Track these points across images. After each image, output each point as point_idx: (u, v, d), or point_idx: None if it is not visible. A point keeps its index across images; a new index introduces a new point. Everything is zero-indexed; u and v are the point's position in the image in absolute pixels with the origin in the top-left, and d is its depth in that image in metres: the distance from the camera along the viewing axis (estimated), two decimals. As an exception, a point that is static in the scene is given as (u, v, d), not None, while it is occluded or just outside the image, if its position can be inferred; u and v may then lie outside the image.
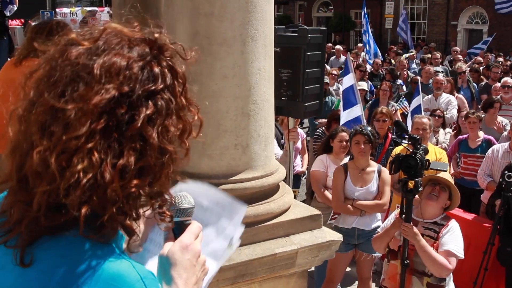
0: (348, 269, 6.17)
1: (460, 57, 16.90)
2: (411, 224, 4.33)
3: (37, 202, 1.18)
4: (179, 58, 1.36)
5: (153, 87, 1.25)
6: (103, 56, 1.23)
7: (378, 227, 5.65)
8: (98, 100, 1.17)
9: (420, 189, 4.36)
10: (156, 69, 1.27)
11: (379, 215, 5.76)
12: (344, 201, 5.55)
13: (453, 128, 9.37)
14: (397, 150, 6.41)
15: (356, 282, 6.04)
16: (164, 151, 1.26)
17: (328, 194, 5.95)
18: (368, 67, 15.79)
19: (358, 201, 5.51)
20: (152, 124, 1.23)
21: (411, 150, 4.44)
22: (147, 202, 1.32)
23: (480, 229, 6.15)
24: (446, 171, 4.59)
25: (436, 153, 6.38)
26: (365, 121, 7.62)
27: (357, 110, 7.69)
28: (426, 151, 4.48)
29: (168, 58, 1.31)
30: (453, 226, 4.46)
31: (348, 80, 7.96)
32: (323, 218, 3.77)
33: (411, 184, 4.34)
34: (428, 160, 4.39)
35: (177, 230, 1.48)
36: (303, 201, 5.62)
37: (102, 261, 1.18)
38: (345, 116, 7.65)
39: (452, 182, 4.64)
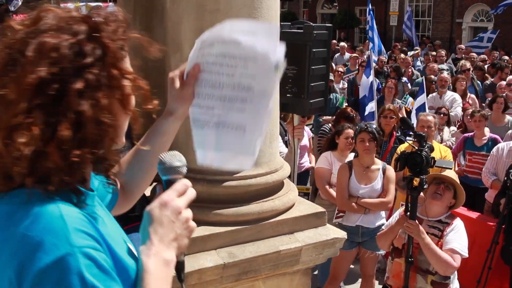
0: (351, 266, 6.16)
1: (475, 55, 16.76)
2: (416, 221, 4.32)
3: None
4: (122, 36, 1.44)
5: (82, 62, 1.32)
6: (37, 38, 1.31)
7: (383, 225, 5.64)
8: (31, 80, 1.26)
9: (425, 187, 4.35)
10: (87, 46, 1.34)
11: (383, 213, 5.75)
12: (349, 198, 5.54)
13: (457, 126, 9.35)
14: (402, 147, 6.39)
15: (360, 280, 6.04)
16: (100, 122, 1.32)
17: (332, 191, 5.94)
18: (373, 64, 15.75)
19: (363, 199, 5.50)
20: (83, 98, 1.30)
21: (416, 148, 4.43)
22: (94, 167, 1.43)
23: (484, 228, 6.13)
24: (451, 168, 4.58)
25: (441, 151, 6.37)
26: (376, 118, 7.65)
27: (372, 106, 7.80)
28: (431, 149, 4.47)
29: (100, 34, 1.38)
30: (458, 225, 4.45)
31: (371, 77, 8.22)
32: (326, 215, 3.78)
33: (416, 182, 4.33)
34: (433, 158, 4.38)
35: (167, 188, 1.49)
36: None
37: (34, 204, 1.27)
38: (369, 108, 7.93)
39: (457, 180, 4.62)
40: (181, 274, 1.53)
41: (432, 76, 11.69)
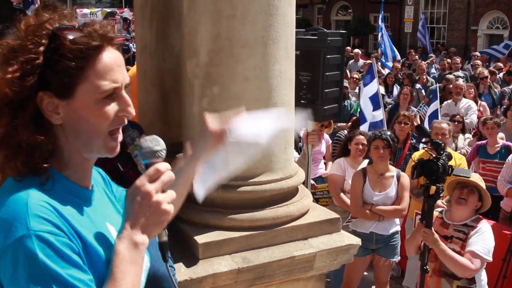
0: (365, 273, 6.14)
1: (479, 62, 16.65)
2: (432, 229, 4.31)
3: None
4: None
5: None
6: None
7: (397, 232, 5.63)
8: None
9: (441, 195, 4.34)
10: None
11: (397, 220, 5.73)
12: (363, 205, 5.53)
13: (472, 133, 9.29)
14: (417, 155, 6.37)
15: (373, 287, 6.01)
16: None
17: (346, 198, 5.93)
18: (386, 71, 15.72)
19: (377, 206, 5.49)
20: None
21: (434, 155, 4.41)
22: None
23: (499, 236, 6.06)
24: (469, 177, 4.55)
25: (455, 159, 6.34)
26: (385, 125, 7.64)
27: (379, 114, 7.77)
28: (449, 157, 4.45)
29: None
30: (482, 227, 4.43)
31: (374, 85, 8.11)
32: (341, 222, 3.77)
33: (432, 190, 4.31)
34: (451, 166, 4.36)
35: None
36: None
37: (9, 191, 1.43)
38: (368, 119, 7.86)
39: (482, 183, 4.59)
40: (165, 254, 1.59)
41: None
